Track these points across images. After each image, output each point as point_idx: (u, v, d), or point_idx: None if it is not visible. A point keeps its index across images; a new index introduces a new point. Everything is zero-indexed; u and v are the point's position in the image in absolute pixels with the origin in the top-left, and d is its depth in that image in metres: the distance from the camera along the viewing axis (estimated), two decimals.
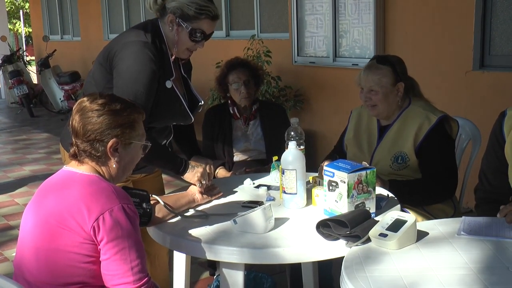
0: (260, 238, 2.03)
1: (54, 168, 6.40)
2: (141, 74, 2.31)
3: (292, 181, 2.31)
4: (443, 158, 2.67)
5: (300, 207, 2.34)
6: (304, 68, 6.05)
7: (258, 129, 3.67)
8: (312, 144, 5.78)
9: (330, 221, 2.00)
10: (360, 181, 2.13)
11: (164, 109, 2.44)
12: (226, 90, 3.66)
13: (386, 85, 2.71)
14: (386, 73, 2.71)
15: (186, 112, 2.54)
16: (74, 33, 11.60)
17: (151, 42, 2.37)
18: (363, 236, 1.90)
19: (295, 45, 6.10)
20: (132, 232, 1.73)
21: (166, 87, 2.44)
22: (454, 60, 4.56)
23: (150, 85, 2.33)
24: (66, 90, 10.20)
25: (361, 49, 5.46)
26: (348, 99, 5.42)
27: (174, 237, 2.12)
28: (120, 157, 1.88)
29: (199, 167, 2.41)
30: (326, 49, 5.84)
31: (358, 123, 2.95)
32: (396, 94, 2.74)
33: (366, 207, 2.16)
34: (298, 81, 6.05)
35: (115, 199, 1.74)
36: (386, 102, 2.72)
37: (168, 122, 2.59)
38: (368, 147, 2.84)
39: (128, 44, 2.35)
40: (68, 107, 10.07)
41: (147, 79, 2.32)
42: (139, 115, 1.91)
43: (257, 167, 3.49)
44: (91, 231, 1.71)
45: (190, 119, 2.59)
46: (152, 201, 2.22)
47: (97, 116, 1.82)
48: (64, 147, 2.59)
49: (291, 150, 2.33)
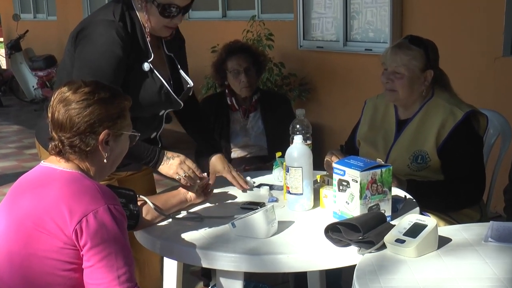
0: (261, 244, 2.04)
1: (27, 165, 6.41)
2: (102, 62, 2.30)
3: (297, 180, 2.32)
4: (469, 160, 2.66)
5: (306, 209, 2.35)
6: (310, 53, 6.05)
7: (259, 122, 3.68)
8: (320, 139, 5.78)
9: (340, 225, 2.01)
10: (374, 181, 2.14)
11: (143, 95, 2.42)
12: (224, 78, 3.67)
13: (414, 69, 2.69)
14: (417, 55, 2.69)
15: (171, 96, 2.51)
16: (49, 11, 11.60)
17: (119, 20, 2.34)
18: (377, 242, 1.91)
19: (301, 28, 6.10)
20: (119, 236, 1.74)
21: (144, 70, 2.43)
22: (481, 45, 4.56)
23: (113, 74, 2.32)
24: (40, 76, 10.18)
25: (375, 33, 5.47)
26: (360, 88, 5.43)
27: (164, 242, 2.14)
28: (110, 150, 1.89)
29: (175, 158, 2.36)
30: (335, 32, 5.84)
31: (373, 116, 2.95)
32: (422, 82, 2.73)
33: (381, 209, 2.17)
34: (304, 68, 6.06)
35: (101, 199, 1.75)
36: (409, 89, 2.71)
37: (152, 110, 2.56)
38: (383, 144, 2.84)
39: (92, 24, 2.34)
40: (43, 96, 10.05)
41: (110, 68, 2.31)
42: (128, 102, 1.93)
43: (258, 165, 3.51)
44: (73, 235, 1.71)
45: (178, 105, 2.57)
46: (140, 202, 2.23)
47: (86, 107, 1.83)
48: (40, 142, 2.60)
49: (296, 145, 2.34)
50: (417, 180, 2.65)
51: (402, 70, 2.69)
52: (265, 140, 3.67)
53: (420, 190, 2.56)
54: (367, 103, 3.02)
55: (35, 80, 10.29)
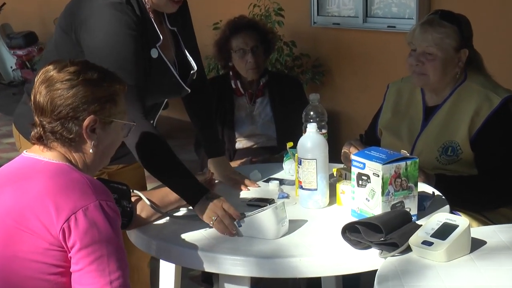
0: (270, 245, 2.05)
1: (4, 156, 6.43)
2: (121, 48, 2.30)
3: (311, 174, 2.33)
4: (507, 152, 2.66)
5: (321, 207, 2.37)
6: (325, 31, 6.03)
7: (267, 109, 3.69)
8: (336, 127, 5.78)
9: (359, 224, 2.02)
10: (398, 175, 2.14)
11: (151, 85, 2.44)
12: (228, 58, 3.67)
13: (448, 49, 2.68)
14: (451, 33, 2.67)
15: (179, 84, 2.55)
16: None
17: (126, 3, 2.34)
18: (401, 244, 1.91)
19: (314, 2, 6.08)
20: (112, 236, 1.75)
21: (152, 57, 2.45)
22: None
23: (136, 58, 2.33)
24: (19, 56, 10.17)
25: (399, 7, 5.45)
26: (382, 70, 5.42)
27: (161, 243, 2.15)
28: (98, 139, 1.90)
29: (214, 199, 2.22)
30: (354, 6, 5.83)
31: (397, 101, 2.95)
32: (456, 63, 2.72)
33: (406, 207, 2.18)
34: (318, 47, 6.04)
35: (91, 194, 1.76)
36: (441, 72, 2.69)
37: (157, 99, 2.60)
38: (408, 134, 2.84)
39: (97, 9, 2.33)
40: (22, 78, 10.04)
41: (130, 52, 2.31)
42: (121, 86, 1.93)
43: (266, 156, 3.52)
44: (60, 235, 1.72)
45: (184, 91, 2.60)
46: (133, 198, 2.25)
47: (69, 88, 1.83)
48: (19, 130, 2.61)
49: (310, 135, 2.35)
50: (446, 175, 2.65)
51: (434, 50, 2.67)
52: (274, 129, 3.67)
53: (450, 186, 2.56)
54: (390, 88, 3.01)
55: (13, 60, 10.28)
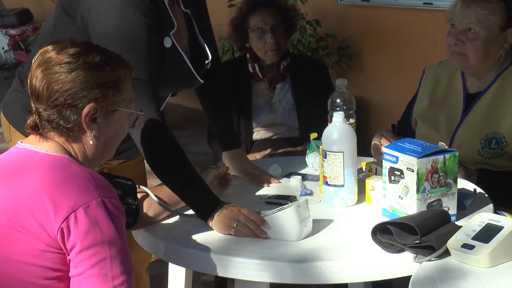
0: (291, 248, 2.05)
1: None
2: (134, 38, 2.29)
3: (337, 169, 2.32)
4: None
5: (348, 205, 2.36)
6: (353, 8, 6.02)
7: (288, 95, 3.69)
8: (365, 117, 5.76)
9: (391, 225, 2.01)
10: (435, 170, 2.13)
11: (161, 78, 2.43)
12: (245, 39, 3.67)
13: (493, 27, 2.66)
14: (496, 9, 2.66)
15: (193, 76, 2.55)
16: None
17: None
18: (438, 247, 1.91)
19: None
20: (115, 237, 1.75)
21: (165, 47, 2.45)
22: None
23: (150, 49, 2.33)
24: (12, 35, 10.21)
25: None
26: (417, 53, 5.40)
27: (170, 244, 2.16)
28: (99, 130, 1.89)
29: (228, 207, 2.21)
30: None
31: (434, 88, 2.93)
32: (501, 44, 2.70)
33: (444, 206, 2.17)
34: (345, 27, 6.02)
35: (93, 190, 1.76)
36: (483, 54, 2.68)
37: (165, 93, 2.61)
38: (447, 124, 2.82)
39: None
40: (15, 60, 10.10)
41: (144, 42, 2.31)
42: (127, 71, 1.93)
43: (287, 149, 3.52)
44: (58, 235, 1.72)
45: (197, 83, 2.61)
46: (140, 194, 2.25)
47: (68, 72, 1.83)
48: (8, 119, 2.60)
49: (336, 125, 2.34)
50: (490, 170, 2.65)
51: (476, 28, 2.65)
52: (295, 118, 3.67)
53: (494, 183, 2.56)
54: (426, 73, 2.99)
55: (5, 40, 10.32)
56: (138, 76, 2.10)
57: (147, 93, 2.26)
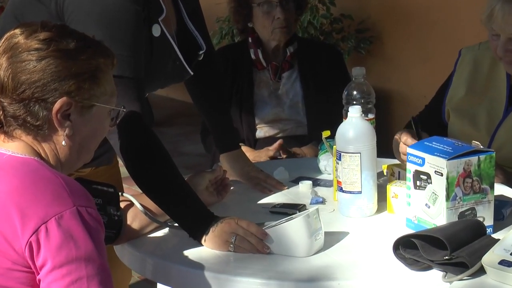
0: (299, 265, 2.05)
1: None
2: (118, 28, 2.30)
3: (353, 172, 2.32)
4: None
5: (367, 215, 2.36)
6: None
7: (296, 86, 3.69)
8: (386, 111, 5.77)
9: (417, 238, 2.00)
10: (468, 173, 2.13)
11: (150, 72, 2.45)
12: (248, 17, 3.66)
13: None
14: None
15: (183, 68, 2.56)
16: None
17: None
18: (472, 264, 1.90)
19: None
20: (93, 253, 1.74)
21: (153, 36, 2.45)
22: None
23: (136, 41, 2.33)
24: None
25: None
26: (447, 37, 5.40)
27: (158, 261, 2.15)
28: (73, 128, 1.88)
29: (224, 221, 2.21)
30: None
31: (473, 75, 2.90)
32: None
33: (478, 216, 2.16)
34: (364, 6, 6.03)
35: (67, 198, 1.74)
36: None
37: (152, 90, 2.64)
38: (487, 120, 2.81)
39: None
40: None
41: (130, 33, 2.31)
42: (108, 60, 1.92)
43: (295, 148, 3.53)
44: (26, 251, 1.71)
45: (187, 75, 2.61)
46: (123, 203, 2.25)
47: (37, 60, 1.82)
48: None
49: (352, 121, 2.34)
50: None
51: None
52: (304, 112, 3.68)
53: None
54: (463, 55, 2.95)
55: None
56: (120, 73, 2.11)
57: (130, 93, 2.26)
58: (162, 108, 6.47)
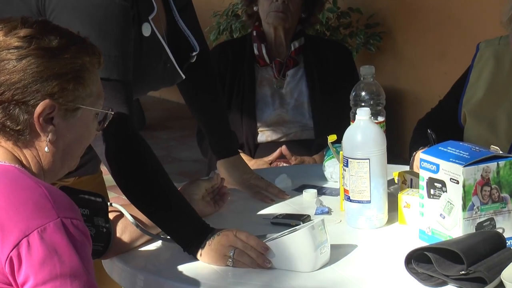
0: (303, 280, 2.06)
1: None
2: (106, 26, 2.30)
3: (362, 180, 2.33)
4: None
5: (376, 226, 2.37)
6: None
7: (302, 85, 3.71)
8: (398, 114, 5.78)
9: (430, 252, 2.01)
10: (486, 181, 2.13)
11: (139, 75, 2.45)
12: None
13: None
14: None
15: (175, 71, 2.56)
16: None
17: None
18: (490, 280, 1.91)
19: None
20: (79, 268, 1.74)
21: (143, 35, 2.46)
22: None
23: (125, 41, 2.34)
24: None
25: None
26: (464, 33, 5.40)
27: (150, 277, 2.15)
28: (56, 133, 1.88)
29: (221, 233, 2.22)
30: None
31: (494, 73, 2.87)
32: None
33: (497, 227, 2.17)
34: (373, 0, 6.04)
35: (51, 210, 1.74)
36: None
37: (143, 92, 2.66)
38: (507, 124, 2.79)
39: None
40: None
41: (118, 32, 2.32)
42: (94, 59, 1.93)
43: (299, 154, 3.54)
44: (6, 267, 1.72)
45: (179, 78, 2.62)
46: (112, 214, 2.26)
47: (17, 59, 1.82)
48: None
49: (361, 124, 2.35)
50: None
51: None
52: (310, 114, 3.69)
53: None
54: (481, 49, 2.92)
55: None
56: (107, 75, 2.13)
57: (118, 96, 2.26)
58: (154, 110, 6.48)
